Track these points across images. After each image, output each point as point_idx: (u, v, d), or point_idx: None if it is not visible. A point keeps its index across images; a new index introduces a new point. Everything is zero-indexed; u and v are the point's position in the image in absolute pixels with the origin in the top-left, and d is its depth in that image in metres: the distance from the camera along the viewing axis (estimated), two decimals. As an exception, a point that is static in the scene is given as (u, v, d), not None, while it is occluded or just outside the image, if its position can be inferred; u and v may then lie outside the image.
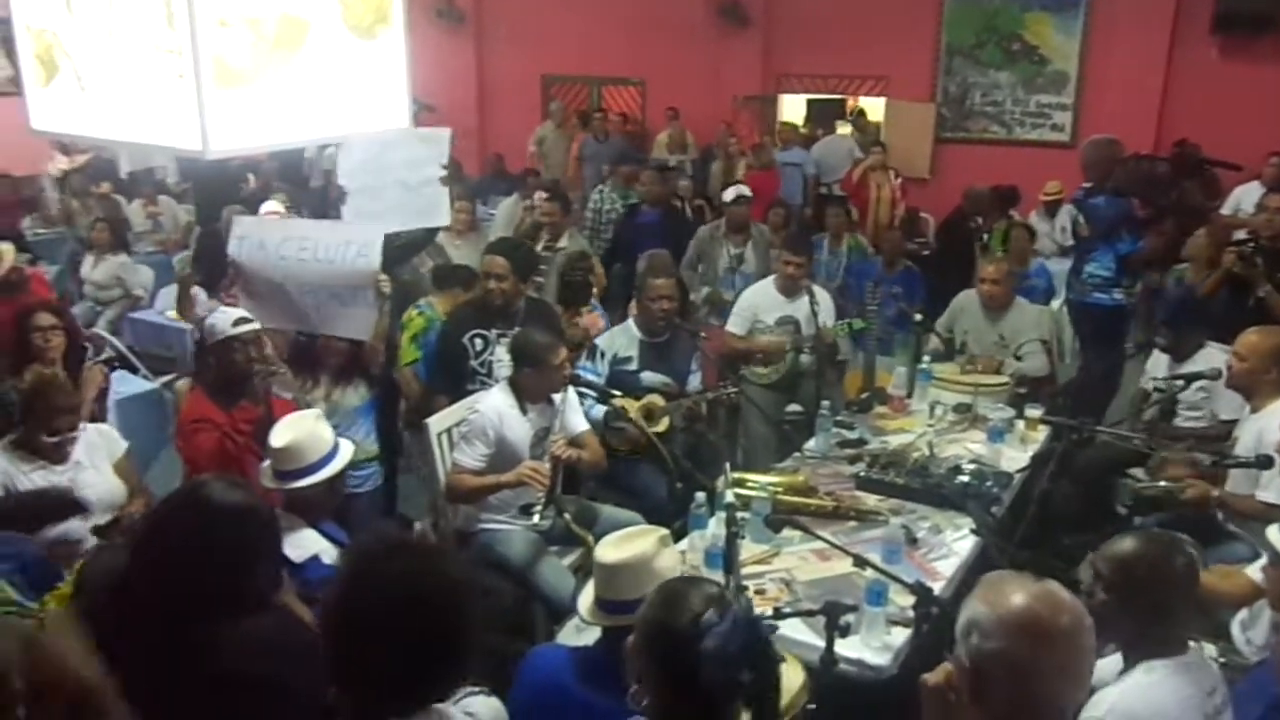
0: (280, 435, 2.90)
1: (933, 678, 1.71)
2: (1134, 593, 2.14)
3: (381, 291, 4.05)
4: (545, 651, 2.47)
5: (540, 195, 7.28)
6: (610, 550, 2.36)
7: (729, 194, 6.37)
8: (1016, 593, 1.56)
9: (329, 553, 2.64)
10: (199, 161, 6.15)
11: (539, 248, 6.21)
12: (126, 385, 5.23)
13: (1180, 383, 4.30)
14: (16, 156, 8.84)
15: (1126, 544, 2.22)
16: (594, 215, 7.61)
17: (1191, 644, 2.24)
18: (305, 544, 2.67)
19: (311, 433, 2.92)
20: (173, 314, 6.30)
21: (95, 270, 7.27)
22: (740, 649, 1.68)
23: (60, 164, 9.74)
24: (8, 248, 5.03)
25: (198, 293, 5.38)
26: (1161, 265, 6.24)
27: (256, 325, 3.69)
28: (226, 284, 4.65)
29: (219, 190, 8.13)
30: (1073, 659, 1.53)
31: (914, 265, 6.53)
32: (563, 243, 6.34)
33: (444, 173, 4.91)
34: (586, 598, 2.42)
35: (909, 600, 2.83)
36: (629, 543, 2.37)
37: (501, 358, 4.42)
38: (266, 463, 2.96)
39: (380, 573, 1.71)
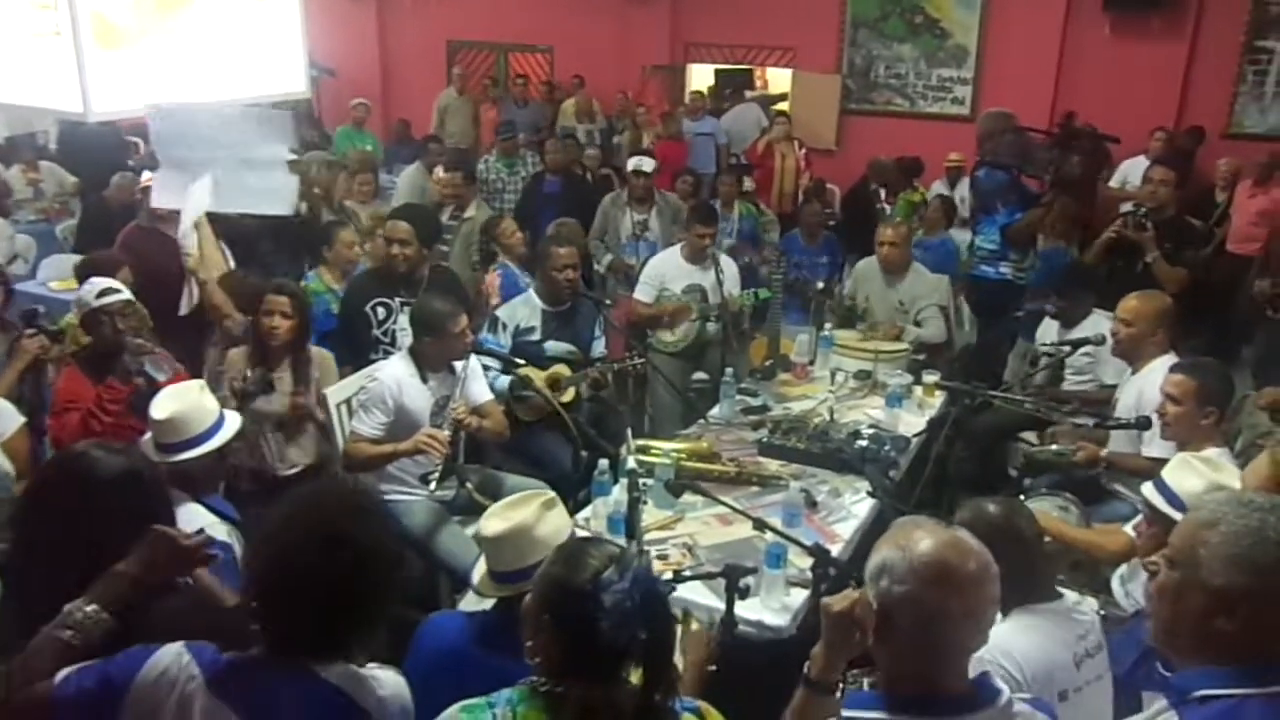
0: (161, 407, 2.78)
1: (837, 604, 1.74)
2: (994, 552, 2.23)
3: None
4: (441, 619, 2.45)
5: (440, 172, 7.18)
6: (493, 522, 2.33)
7: (631, 164, 6.37)
8: (927, 538, 1.60)
9: (216, 527, 2.56)
10: (81, 125, 5.87)
11: (444, 218, 6.13)
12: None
13: (1068, 348, 4.46)
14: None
15: (971, 512, 2.31)
16: (483, 185, 7.53)
17: (1066, 594, 2.39)
18: (190, 519, 2.57)
19: (195, 404, 2.81)
20: (56, 285, 6.02)
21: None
22: (637, 606, 1.68)
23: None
24: None
25: None
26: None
27: (125, 295, 3.54)
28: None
29: (104, 157, 7.78)
30: (978, 605, 1.57)
31: (833, 235, 6.59)
32: (470, 211, 6.26)
33: (291, 158, 4.68)
34: (480, 570, 2.40)
35: (808, 562, 2.87)
36: (511, 511, 2.34)
37: (405, 326, 4.35)
38: (147, 436, 2.84)
39: (307, 516, 1.76)
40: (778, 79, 10.96)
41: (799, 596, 2.95)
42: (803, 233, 6.49)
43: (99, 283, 3.49)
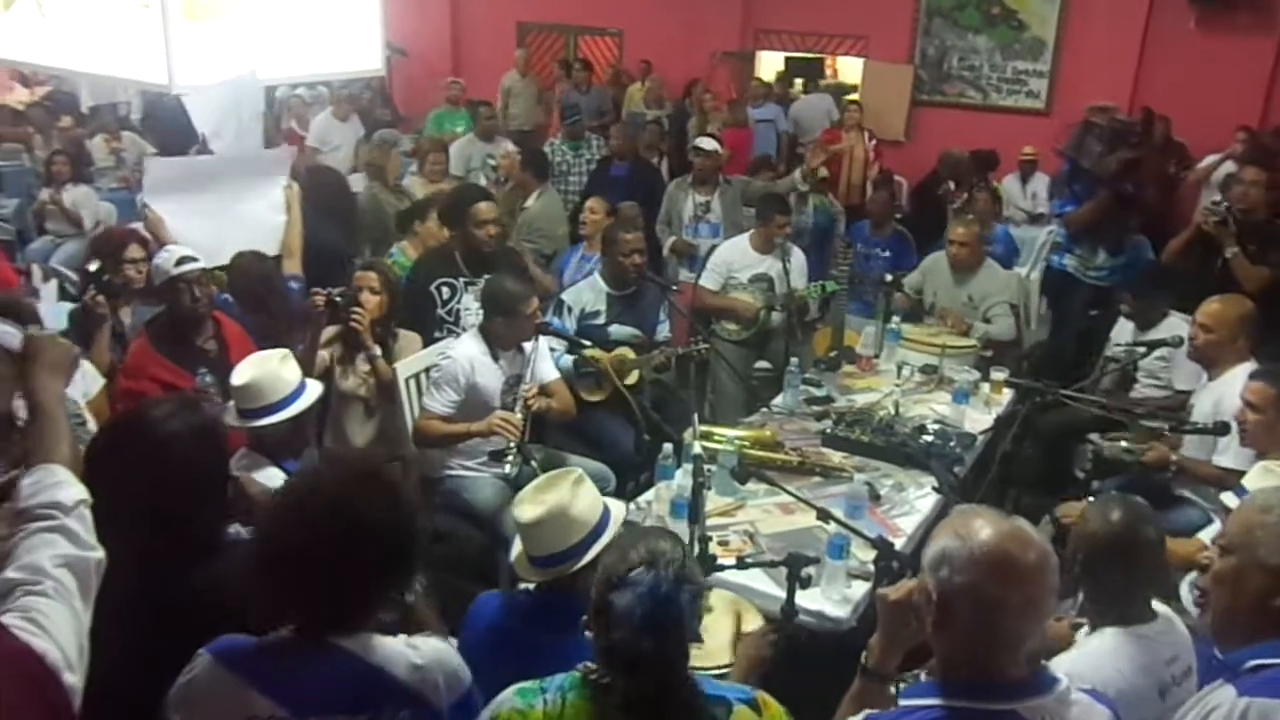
0: (241, 374, 2.88)
1: (894, 593, 1.74)
2: (1102, 562, 2.19)
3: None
4: (488, 597, 2.46)
5: (507, 146, 7.24)
6: (528, 507, 2.28)
7: (702, 143, 6.37)
8: (987, 528, 1.59)
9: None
10: (163, 97, 6.01)
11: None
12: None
13: (1142, 349, 4.36)
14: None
15: (1098, 513, 2.25)
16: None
17: (1161, 612, 2.27)
18: (270, 482, 2.65)
19: (273, 372, 2.89)
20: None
21: (64, 196, 7.10)
22: (644, 615, 1.66)
23: (20, 96, 9.49)
24: None
25: None
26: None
27: (202, 264, 3.54)
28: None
29: (184, 129, 7.95)
30: (1037, 597, 1.56)
31: (903, 228, 6.52)
32: (529, 201, 6.27)
33: (287, 189, 4.58)
34: (517, 552, 2.39)
35: (870, 555, 2.87)
36: (544, 494, 2.30)
37: (469, 306, 4.40)
38: (231, 403, 2.93)
39: (311, 488, 1.73)
40: (846, 68, 10.85)
41: (860, 589, 2.94)
42: (870, 223, 6.44)
43: (177, 250, 3.49)
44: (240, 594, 1.81)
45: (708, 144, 6.32)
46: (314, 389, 2.97)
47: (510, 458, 3.59)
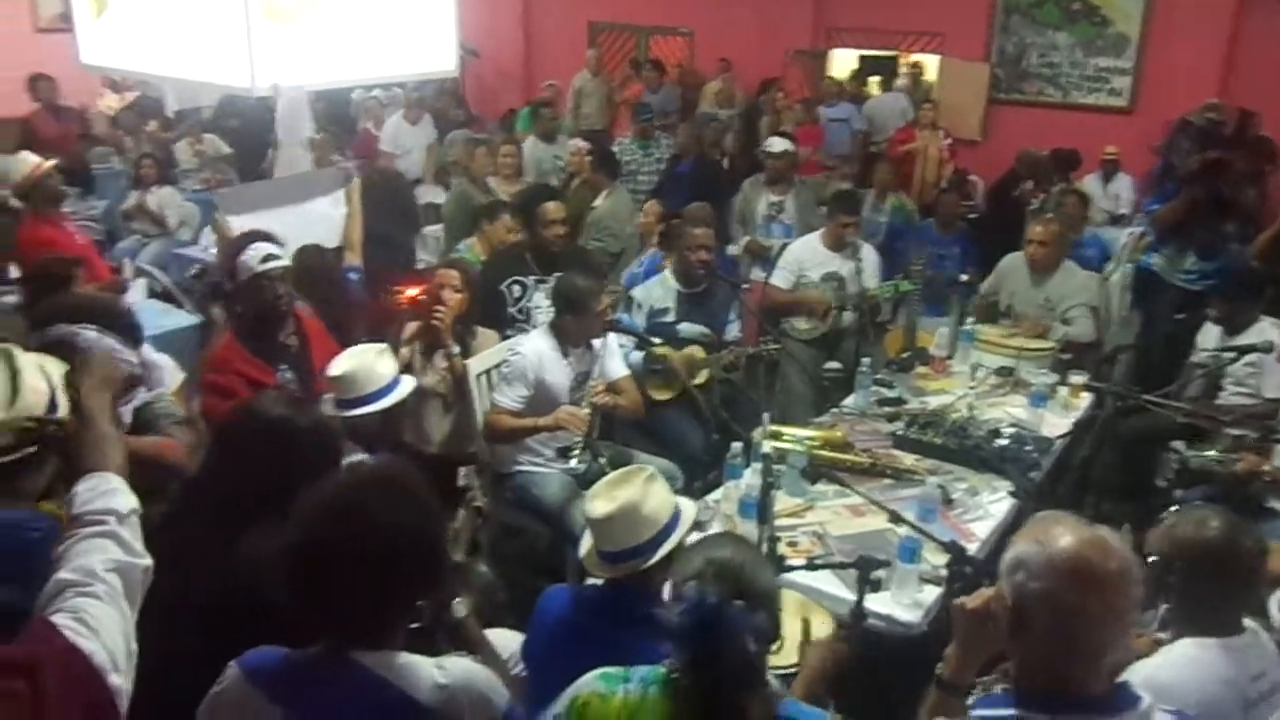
0: (338, 365, 3.02)
1: (971, 602, 1.71)
2: (1197, 572, 2.11)
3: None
4: (556, 591, 2.47)
5: (578, 142, 7.27)
6: (600, 503, 2.28)
7: (772, 145, 6.32)
8: (1067, 535, 1.55)
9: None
10: (243, 100, 6.17)
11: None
12: (170, 319, 5.31)
13: (1230, 355, 4.21)
14: (68, 92, 8.93)
15: (1194, 522, 2.17)
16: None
17: (1249, 626, 2.19)
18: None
19: (368, 365, 3.02)
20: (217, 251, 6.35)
21: (149, 199, 7.34)
22: (685, 631, 1.65)
23: (110, 101, 9.81)
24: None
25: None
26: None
27: (285, 261, 3.60)
28: None
29: (258, 130, 8.16)
30: (1119, 607, 1.52)
31: (967, 226, 6.40)
32: (599, 200, 6.29)
33: (344, 210, 4.93)
34: (586, 548, 2.39)
35: (942, 559, 2.83)
36: (616, 490, 2.30)
37: (540, 304, 4.44)
38: (329, 394, 3.07)
39: (332, 498, 1.69)
40: (924, 66, 10.67)
41: (931, 593, 2.90)
42: (937, 222, 6.33)
43: (262, 248, 3.54)
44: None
45: (778, 145, 6.28)
46: (407, 384, 3.08)
47: (578, 454, 3.60)
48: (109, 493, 1.58)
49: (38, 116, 8.61)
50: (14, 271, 5.04)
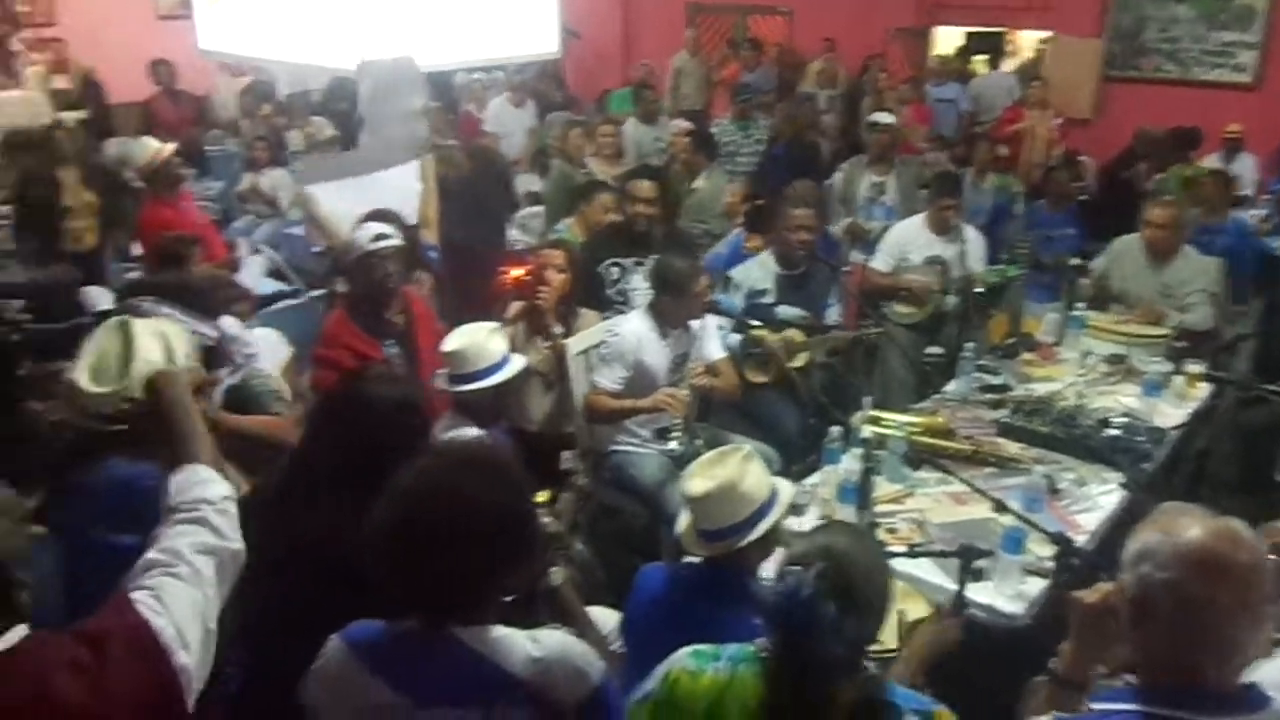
0: (451, 341, 3.13)
1: (1090, 596, 1.67)
2: None
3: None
4: (652, 570, 2.50)
5: (680, 123, 7.25)
6: (699, 481, 2.29)
7: (878, 118, 6.21)
8: (1195, 525, 1.50)
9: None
10: (352, 84, 6.32)
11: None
12: (281, 296, 5.49)
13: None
14: (186, 77, 9.29)
15: None
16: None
17: None
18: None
19: (480, 343, 3.12)
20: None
21: (263, 180, 7.61)
22: (777, 615, 1.67)
23: (230, 86, 10.17)
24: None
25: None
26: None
27: (396, 241, 3.67)
28: None
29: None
30: (1252, 601, 1.46)
31: (1077, 205, 6.18)
32: (699, 182, 6.26)
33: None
34: (683, 526, 2.41)
35: (1047, 551, 2.76)
36: (715, 469, 2.30)
37: (637, 286, 4.45)
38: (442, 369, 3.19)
39: (428, 474, 1.71)
40: (1026, 43, 10.33)
41: (1035, 585, 2.83)
42: (1048, 201, 6.13)
43: (374, 228, 3.65)
44: None
45: (884, 117, 6.16)
46: (517, 362, 3.17)
47: (676, 435, 3.62)
48: (200, 483, 1.66)
49: (157, 101, 9.00)
50: (135, 249, 5.31)
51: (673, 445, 3.65)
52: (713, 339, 3.94)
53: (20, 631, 1.41)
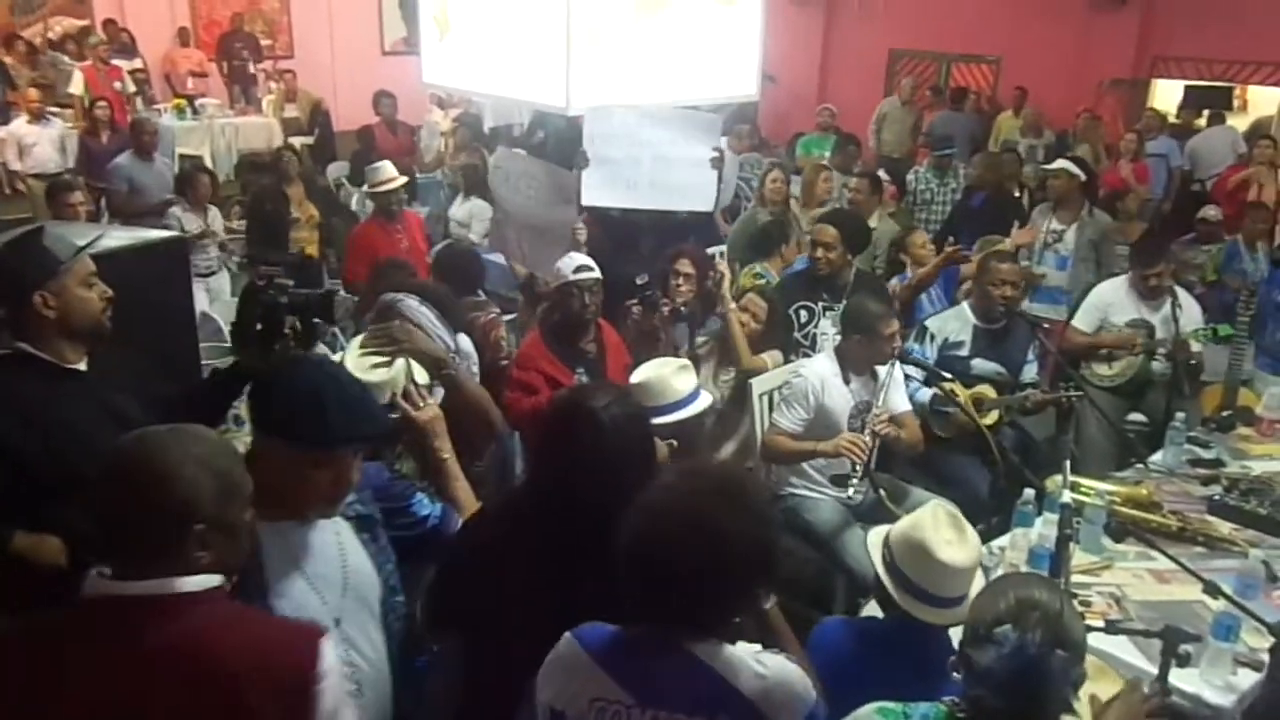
0: (639, 372, 3.20)
1: None
2: None
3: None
4: (835, 624, 2.46)
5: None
6: (953, 551, 2.23)
7: (1057, 163, 5.97)
8: None
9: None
10: (552, 118, 6.55)
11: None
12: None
13: None
14: (405, 109, 9.91)
15: None
16: (911, 195, 7.49)
17: None
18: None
19: (664, 378, 3.17)
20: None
21: (458, 211, 8.00)
22: (1005, 679, 1.60)
23: (437, 118, 10.78)
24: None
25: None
26: None
27: (596, 274, 3.75)
28: None
29: (566, 145, 8.64)
30: None
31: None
32: (872, 223, 6.14)
33: (715, 155, 4.94)
34: (891, 581, 2.31)
35: (1263, 643, 2.54)
36: (962, 537, 2.27)
37: (826, 330, 4.41)
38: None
39: (678, 497, 1.74)
40: (1260, 100, 9.67)
41: (1247, 678, 2.61)
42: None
43: (577, 258, 3.78)
44: None
45: (1060, 163, 5.92)
46: (703, 400, 3.16)
47: (855, 482, 3.54)
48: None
49: (378, 129, 9.61)
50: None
51: (850, 492, 3.57)
52: (899, 389, 3.84)
53: (209, 581, 1.52)
